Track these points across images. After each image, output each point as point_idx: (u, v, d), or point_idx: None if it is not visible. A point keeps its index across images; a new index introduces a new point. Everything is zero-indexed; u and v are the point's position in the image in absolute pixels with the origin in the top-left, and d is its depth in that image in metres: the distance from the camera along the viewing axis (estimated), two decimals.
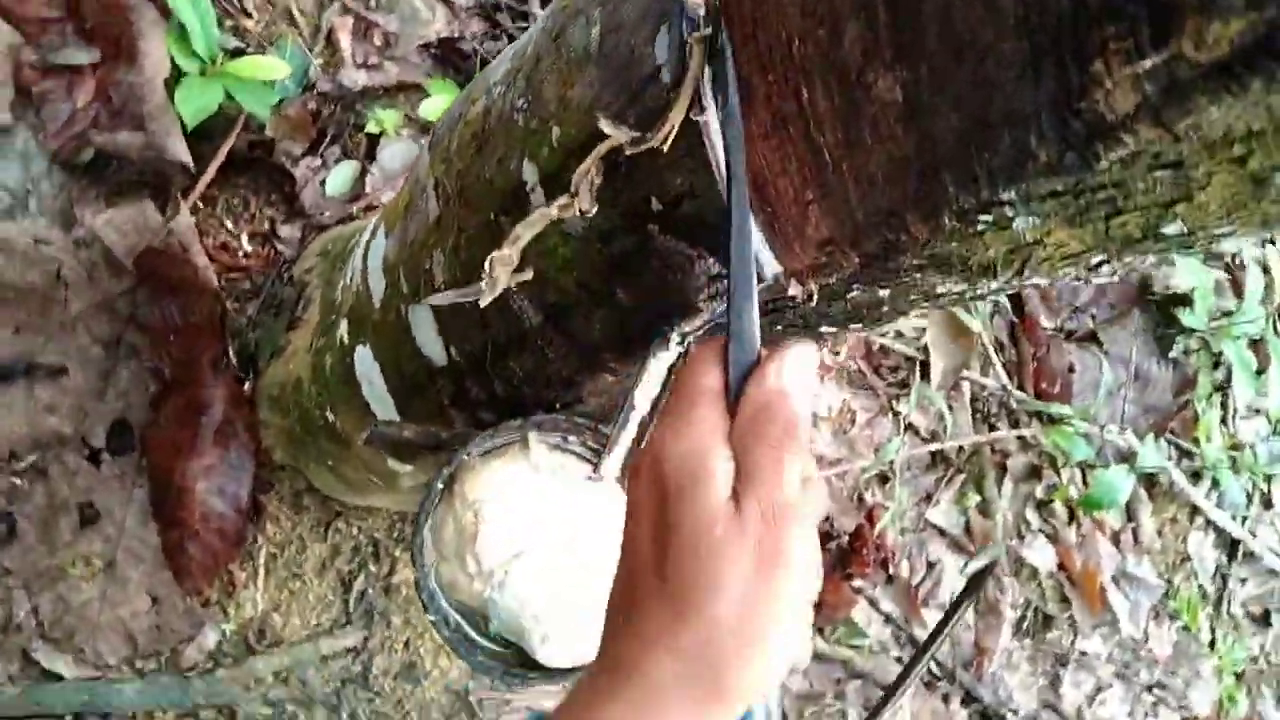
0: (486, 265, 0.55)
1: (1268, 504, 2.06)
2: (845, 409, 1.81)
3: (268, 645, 1.35)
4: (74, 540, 1.29)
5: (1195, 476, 2.00)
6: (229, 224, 1.39)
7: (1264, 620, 2.09)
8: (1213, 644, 2.02)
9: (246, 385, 1.30)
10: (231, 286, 1.37)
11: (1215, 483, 1.99)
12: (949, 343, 1.86)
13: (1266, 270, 1.96)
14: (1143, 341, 1.97)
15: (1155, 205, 0.34)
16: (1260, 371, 1.93)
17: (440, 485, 0.73)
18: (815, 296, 0.49)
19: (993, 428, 1.87)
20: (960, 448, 1.86)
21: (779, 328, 0.57)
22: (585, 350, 0.63)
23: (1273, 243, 1.96)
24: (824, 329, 0.60)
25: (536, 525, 0.72)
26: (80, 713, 1.27)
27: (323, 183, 1.41)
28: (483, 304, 0.57)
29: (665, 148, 0.45)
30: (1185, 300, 1.94)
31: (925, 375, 1.84)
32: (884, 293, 0.50)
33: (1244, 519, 2.04)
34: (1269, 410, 2.02)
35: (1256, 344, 1.96)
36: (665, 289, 0.52)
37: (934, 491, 1.84)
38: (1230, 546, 2.05)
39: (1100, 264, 0.42)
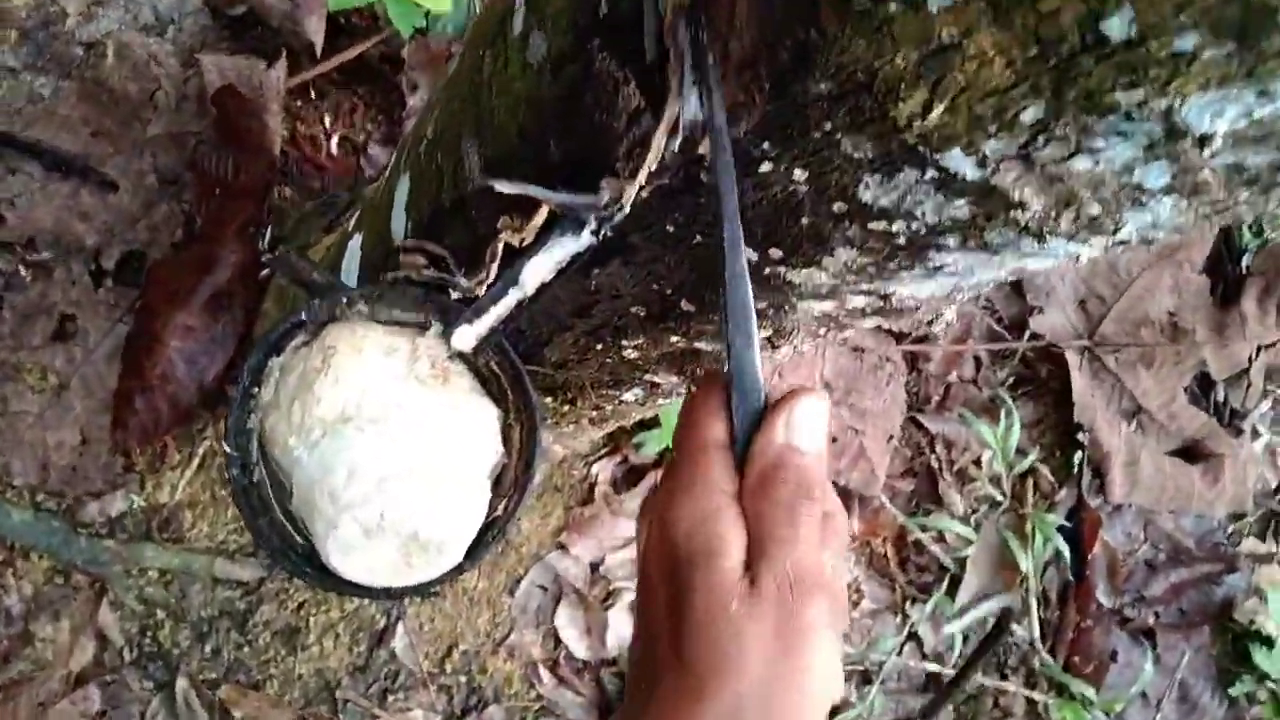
0: None
1: None
2: (853, 587, 1.68)
3: (166, 539, 1.30)
4: (42, 347, 1.28)
5: None
6: (327, 121, 1.41)
7: None
8: None
9: (265, 273, 1.28)
10: (301, 178, 1.37)
11: None
12: (991, 569, 1.72)
13: None
14: (1203, 663, 1.79)
15: None
16: None
17: (305, 317, 0.68)
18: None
19: (1004, 679, 1.70)
20: (961, 683, 1.70)
21: (684, 225, 0.53)
22: (508, 218, 0.57)
23: None
24: (684, 304, 0.54)
25: (380, 402, 0.65)
26: None
27: None
28: None
29: None
30: (1267, 642, 1.76)
31: (952, 592, 1.70)
32: (800, 177, 0.44)
33: None
34: None
35: None
36: (592, 134, 0.47)
37: (914, 718, 1.67)
38: None
39: (1039, 133, 0.38)
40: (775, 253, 0.54)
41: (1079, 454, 1.80)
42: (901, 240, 0.50)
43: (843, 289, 0.58)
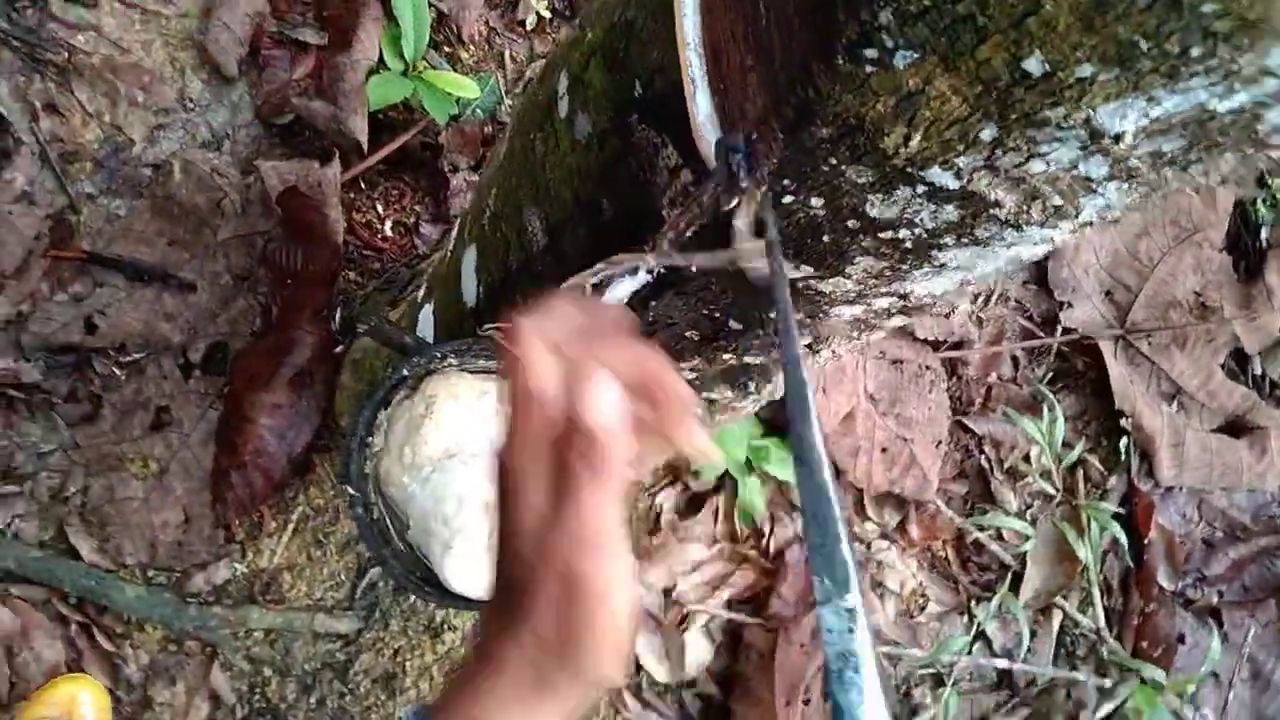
0: None
1: None
2: (918, 592, 1.75)
3: (269, 600, 1.41)
4: (141, 438, 1.40)
5: None
6: (380, 207, 1.54)
7: None
8: None
9: (339, 349, 1.41)
10: (362, 262, 1.50)
11: None
12: (1051, 563, 1.78)
13: None
14: (1271, 638, 1.83)
15: (1009, 20, 0.38)
16: None
17: (407, 373, 0.79)
18: None
19: (1074, 669, 1.75)
20: (1033, 679, 1.75)
21: (697, 275, 0.62)
22: (570, 272, 0.68)
23: None
24: (731, 324, 0.63)
25: (478, 438, 0.76)
26: (82, 597, 1.35)
27: None
28: None
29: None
30: None
31: (1015, 588, 1.76)
32: (817, 204, 0.54)
33: None
34: None
35: None
36: (638, 191, 0.58)
37: (990, 715, 1.73)
38: None
39: (996, 147, 0.47)
40: (805, 269, 0.64)
41: (1124, 440, 1.86)
42: (909, 244, 0.60)
43: (867, 293, 0.68)
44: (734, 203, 0.57)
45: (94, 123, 1.53)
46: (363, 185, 1.55)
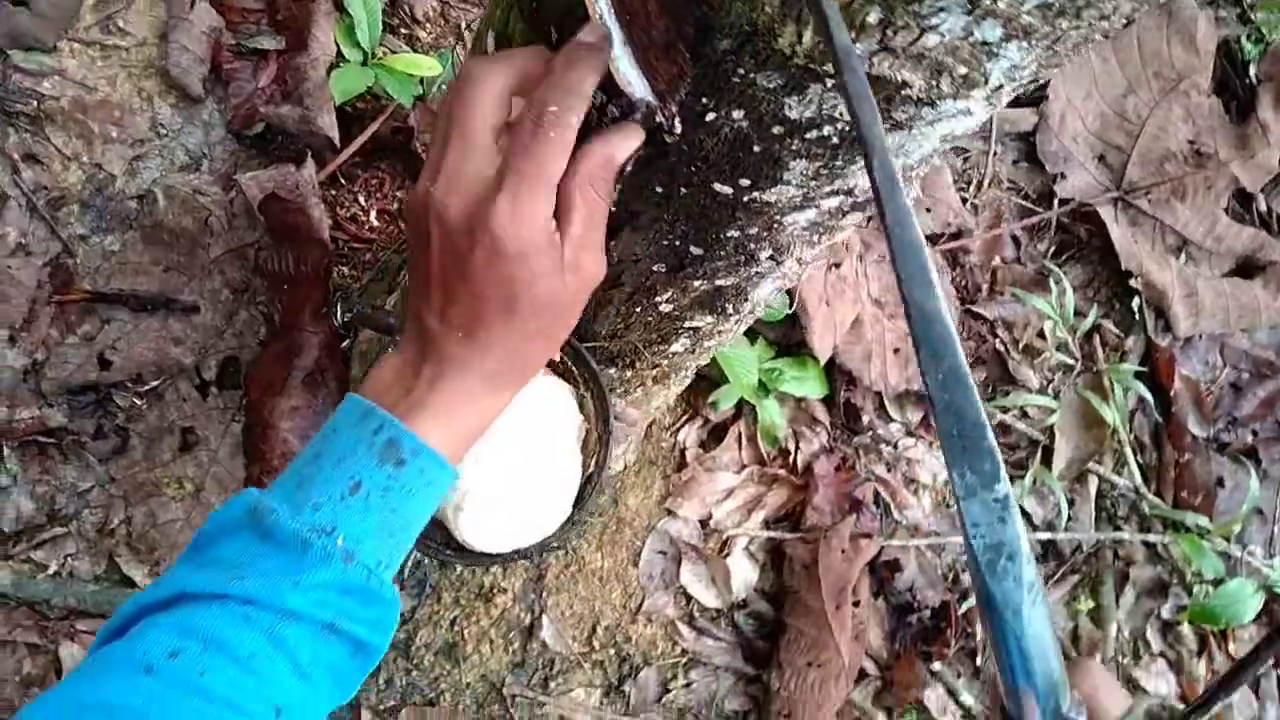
0: None
1: None
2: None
3: None
4: (172, 461, 1.45)
5: None
6: (362, 199, 1.56)
7: None
8: None
9: (345, 343, 1.44)
10: (354, 255, 1.53)
11: None
12: (1079, 431, 1.80)
13: None
14: None
15: None
16: None
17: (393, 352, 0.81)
18: (679, 121, 0.55)
19: (1118, 529, 1.77)
20: (1078, 546, 1.77)
21: (669, 183, 0.63)
22: None
23: None
24: (717, 186, 0.65)
25: None
26: None
27: None
28: None
29: None
30: None
31: (1047, 461, 1.78)
32: (739, 116, 0.56)
33: None
34: None
35: None
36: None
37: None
38: None
39: (886, 28, 0.49)
40: (744, 181, 0.65)
41: (1136, 300, 1.86)
42: (835, 140, 0.61)
43: (813, 195, 0.69)
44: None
45: (74, 165, 1.56)
46: (342, 180, 1.57)
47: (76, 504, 1.43)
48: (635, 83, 0.54)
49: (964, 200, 1.90)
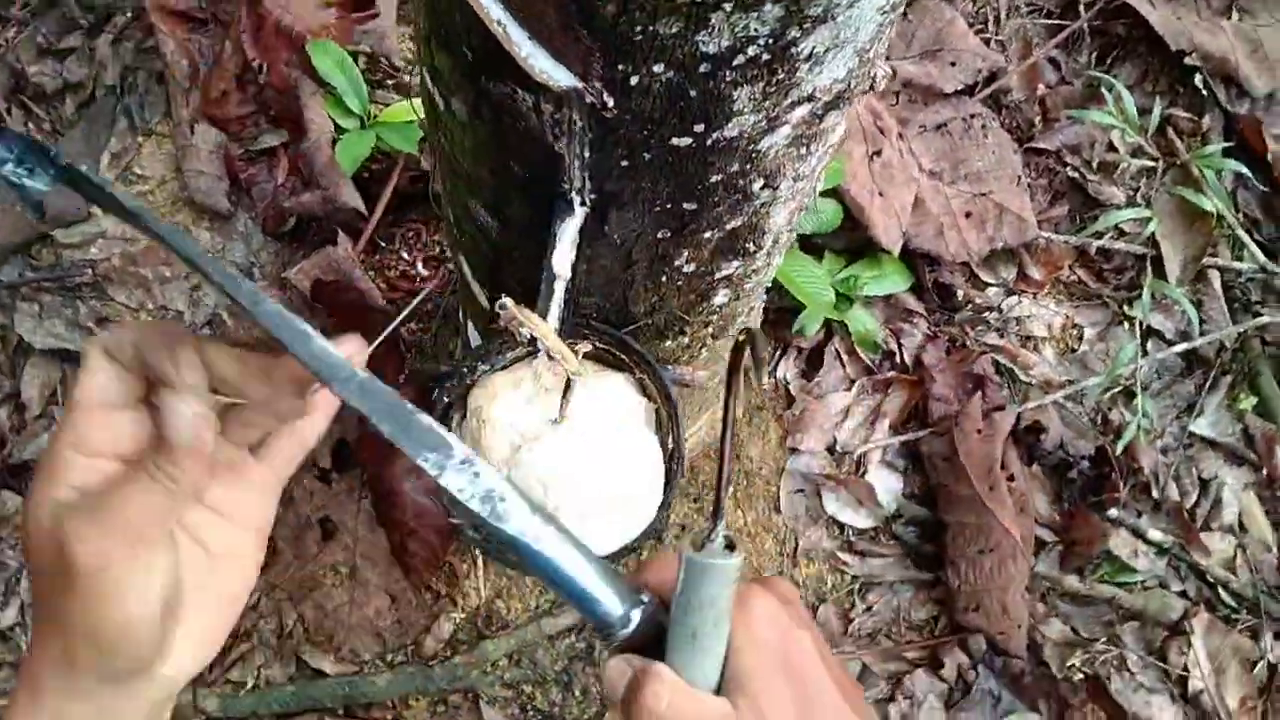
0: None
1: None
2: (1068, 325, 1.70)
3: (496, 630, 1.50)
4: (320, 552, 1.51)
5: None
6: (405, 254, 1.59)
7: None
8: None
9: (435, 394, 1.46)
10: (418, 309, 1.55)
11: None
12: (1182, 230, 1.70)
13: None
14: None
15: None
16: None
17: (449, 400, 0.82)
18: (608, 95, 0.54)
19: (1256, 315, 1.67)
20: (1221, 345, 1.68)
21: (630, 154, 0.62)
22: (533, 240, 0.70)
23: None
24: (675, 141, 0.63)
25: (530, 422, 0.79)
26: (346, 705, 1.47)
27: None
28: None
29: None
30: None
31: (1160, 272, 1.69)
32: (660, 69, 0.54)
33: None
34: None
35: None
36: (527, 140, 0.60)
37: (1196, 399, 1.67)
38: None
39: None
40: (699, 127, 0.63)
41: (1198, 77, 1.75)
42: (765, 57, 0.58)
43: (775, 115, 0.67)
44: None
45: (142, 314, 1.63)
46: (381, 243, 1.60)
47: (251, 618, 1.50)
48: (554, 73, 0.53)
49: (987, 41, 1.81)
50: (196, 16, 1.70)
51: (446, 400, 0.84)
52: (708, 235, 0.78)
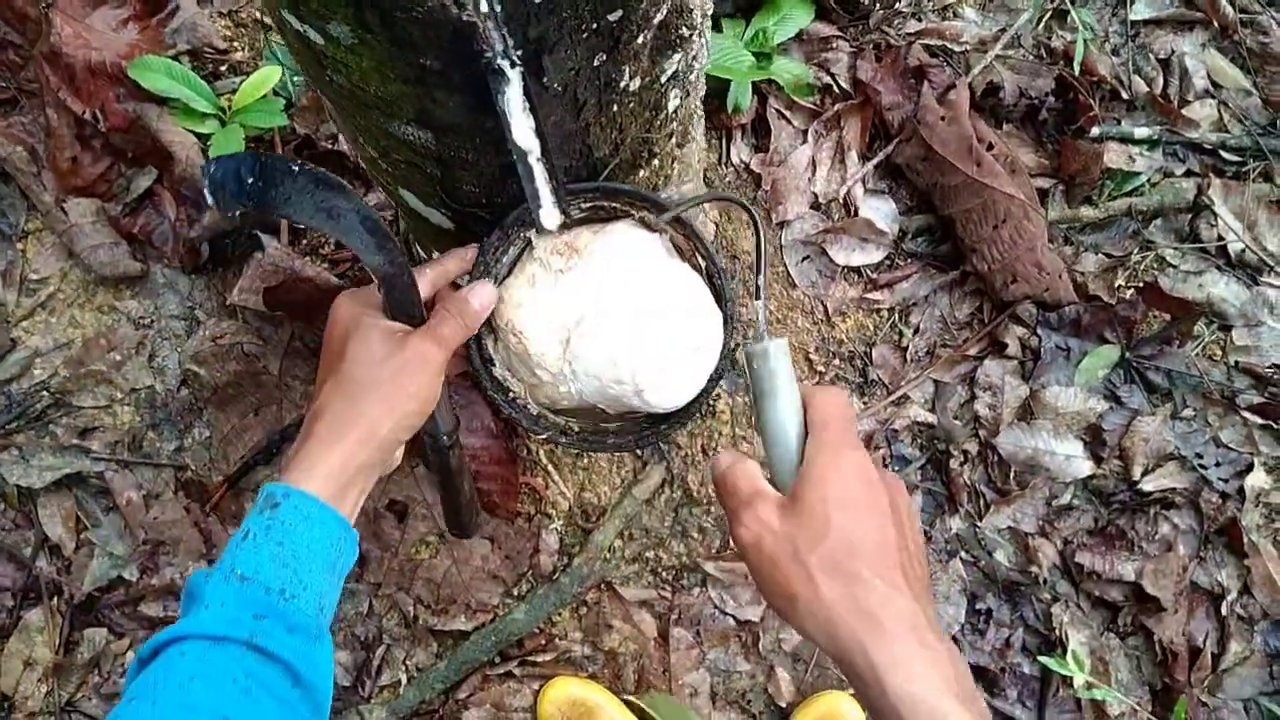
0: None
1: None
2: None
3: (596, 520, 1.50)
4: (404, 535, 1.49)
5: None
6: (312, 238, 1.51)
7: None
8: None
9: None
10: (363, 277, 1.48)
11: None
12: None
13: None
14: None
15: None
16: None
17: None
18: None
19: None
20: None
21: (542, 21, 0.56)
22: (477, 133, 0.64)
23: None
24: (610, 17, 0.57)
25: (566, 305, 0.75)
26: (500, 651, 1.48)
27: None
28: None
29: None
30: None
31: None
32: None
33: None
34: None
35: None
36: (432, 30, 0.54)
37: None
38: None
39: None
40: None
41: None
42: None
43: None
44: None
45: (116, 406, 1.56)
46: (300, 226, 1.52)
47: (372, 624, 1.50)
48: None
49: None
50: (3, 99, 1.57)
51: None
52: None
